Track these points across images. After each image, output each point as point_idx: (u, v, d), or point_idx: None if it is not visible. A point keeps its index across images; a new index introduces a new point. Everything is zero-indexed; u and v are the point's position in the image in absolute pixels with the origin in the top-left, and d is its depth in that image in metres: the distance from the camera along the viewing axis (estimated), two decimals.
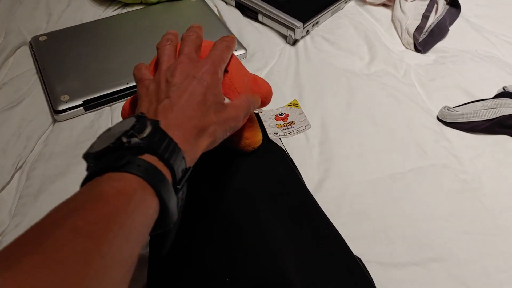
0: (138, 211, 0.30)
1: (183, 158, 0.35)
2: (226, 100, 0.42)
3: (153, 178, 0.32)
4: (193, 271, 0.45)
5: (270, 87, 0.50)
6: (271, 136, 0.54)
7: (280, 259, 0.45)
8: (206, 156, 0.50)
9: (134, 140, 0.33)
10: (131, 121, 0.35)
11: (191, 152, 0.37)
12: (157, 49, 0.44)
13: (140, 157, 0.33)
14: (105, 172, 0.32)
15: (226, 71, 0.44)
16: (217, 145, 0.42)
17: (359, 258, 0.55)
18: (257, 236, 0.46)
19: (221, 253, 0.45)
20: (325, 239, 0.50)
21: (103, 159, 0.33)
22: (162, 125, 0.36)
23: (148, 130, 0.34)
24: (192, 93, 0.38)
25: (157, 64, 0.44)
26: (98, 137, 0.36)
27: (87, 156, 0.34)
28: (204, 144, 0.38)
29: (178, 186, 0.35)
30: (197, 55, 0.43)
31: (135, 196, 0.31)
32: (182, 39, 0.45)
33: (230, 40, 0.46)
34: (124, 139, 0.33)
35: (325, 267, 0.47)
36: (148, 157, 0.33)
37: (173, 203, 0.34)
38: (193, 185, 0.49)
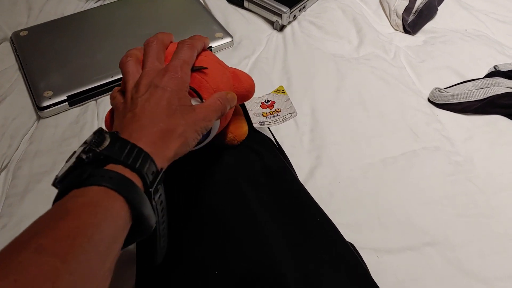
0: (106, 221, 0.30)
1: (152, 161, 0.35)
2: (194, 102, 0.42)
3: (118, 185, 0.32)
4: (181, 264, 0.45)
5: (252, 81, 0.49)
6: (256, 125, 0.52)
7: (271, 250, 0.44)
8: (193, 152, 0.50)
9: (95, 153, 0.34)
10: (90, 137, 0.35)
11: (160, 153, 0.37)
12: (120, 68, 0.43)
13: (104, 168, 0.33)
14: (69, 191, 0.32)
15: (200, 70, 0.43)
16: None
17: (352, 245, 0.55)
18: (247, 229, 0.45)
19: (210, 246, 0.45)
20: (317, 228, 0.49)
21: (66, 179, 0.33)
22: (125, 135, 0.36)
23: (107, 141, 0.35)
24: (155, 101, 0.38)
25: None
26: (65, 163, 0.36)
27: (54, 183, 0.33)
28: (174, 145, 0.38)
29: (150, 189, 0.34)
30: (161, 61, 0.43)
31: (101, 207, 0.30)
32: (143, 48, 0.44)
33: (195, 39, 0.45)
34: (83, 156, 0.33)
35: (317, 257, 0.46)
36: (113, 167, 0.33)
37: (147, 207, 0.34)
38: (179, 179, 0.48)
